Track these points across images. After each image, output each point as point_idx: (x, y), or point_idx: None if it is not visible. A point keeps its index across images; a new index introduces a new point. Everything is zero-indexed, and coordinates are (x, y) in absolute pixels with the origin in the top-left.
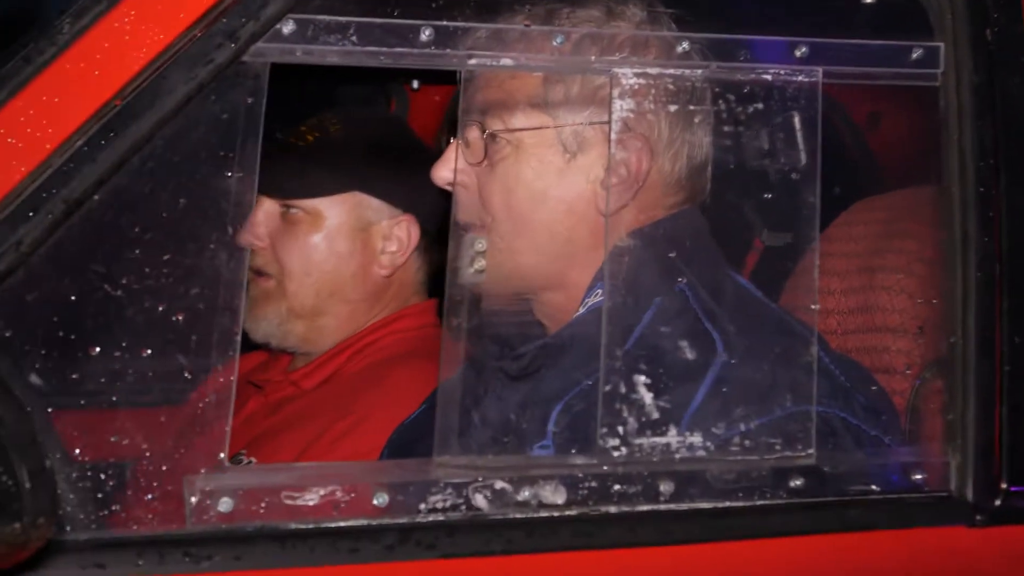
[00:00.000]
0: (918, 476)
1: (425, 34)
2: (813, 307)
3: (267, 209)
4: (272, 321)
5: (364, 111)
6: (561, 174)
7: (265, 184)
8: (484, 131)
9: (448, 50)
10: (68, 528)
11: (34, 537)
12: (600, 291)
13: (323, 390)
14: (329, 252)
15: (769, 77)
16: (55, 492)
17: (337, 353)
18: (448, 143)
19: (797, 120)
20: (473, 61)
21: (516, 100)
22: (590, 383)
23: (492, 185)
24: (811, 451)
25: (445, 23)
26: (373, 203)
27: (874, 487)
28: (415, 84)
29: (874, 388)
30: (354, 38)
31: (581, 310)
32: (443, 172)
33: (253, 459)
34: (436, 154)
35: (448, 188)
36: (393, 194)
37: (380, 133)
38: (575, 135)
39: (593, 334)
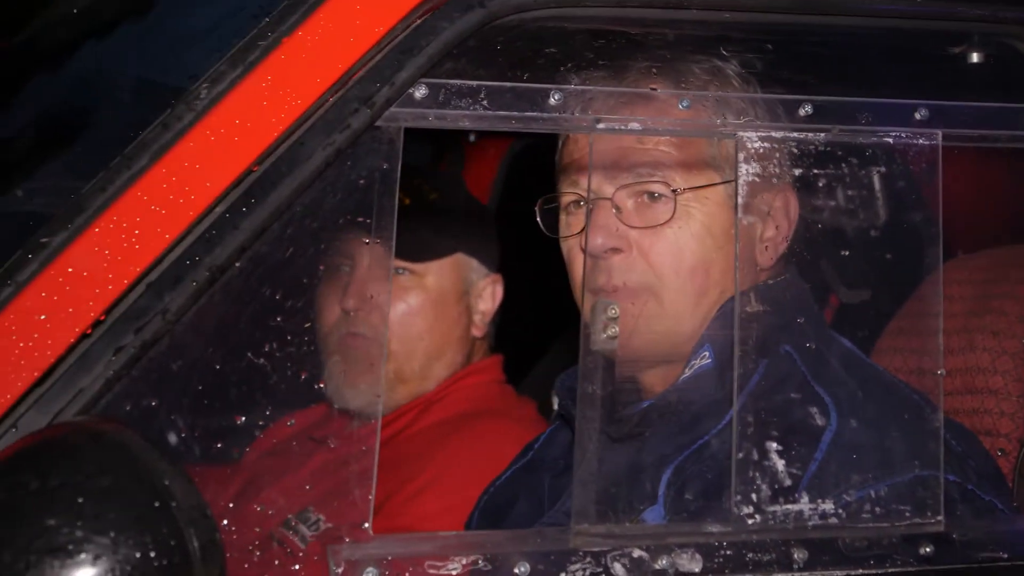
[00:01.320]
0: None
1: (554, 98)
2: (939, 373)
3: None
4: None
5: (443, 174)
6: (729, 232)
7: None
8: (648, 191)
9: (576, 114)
10: None
11: None
12: (707, 353)
13: (391, 447)
14: (439, 315)
15: (890, 140)
16: (224, 566)
17: (405, 412)
18: (569, 205)
19: (917, 182)
20: (602, 125)
21: (682, 159)
22: (701, 444)
23: (662, 247)
24: (940, 518)
25: (573, 87)
26: (473, 264)
27: (1003, 554)
28: (472, 137)
29: (982, 452)
30: (484, 102)
31: (687, 372)
32: (601, 240)
33: (322, 517)
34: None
35: (602, 254)
36: (487, 254)
37: (468, 194)
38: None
39: (699, 398)
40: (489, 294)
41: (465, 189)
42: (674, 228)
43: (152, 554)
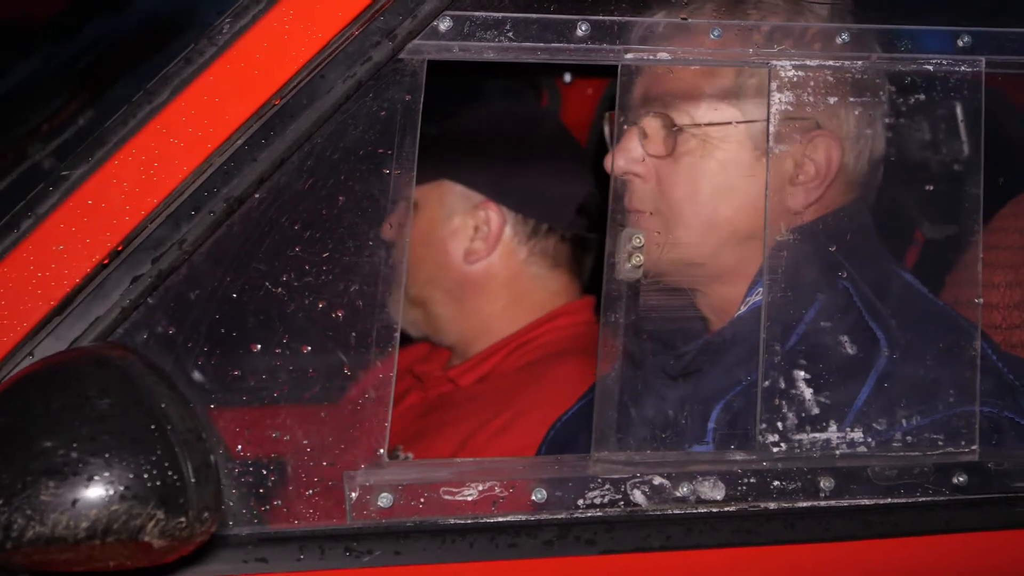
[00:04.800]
0: None
1: (581, 29)
2: (977, 301)
3: None
4: None
5: (483, 105)
6: (750, 170)
7: None
8: (669, 123)
9: (604, 45)
10: (231, 523)
11: (199, 532)
12: (762, 289)
13: (480, 387)
14: (423, 241)
15: (931, 68)
16: (219, 487)
17: (495, 351)
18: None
19: (960, 111)
20: (630, 56)
21: (705, 93)
22: (751, 381)
23: (676, 178)
24: (975, 447)
25: (601, 17)
26: (459, 190)
27: None
28: (567, 77)
29: None
30: (510, 34)
31: (743, 308)
32: (619, 162)
33: (411, 454)
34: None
35: (623, 176)
36: (481, 181)
37: (481, 126)
38: (765, 131)
39: (755, 332)
40: (490, 221)
41: (479, 120)
42: (688, 160)
43: (145, 476)
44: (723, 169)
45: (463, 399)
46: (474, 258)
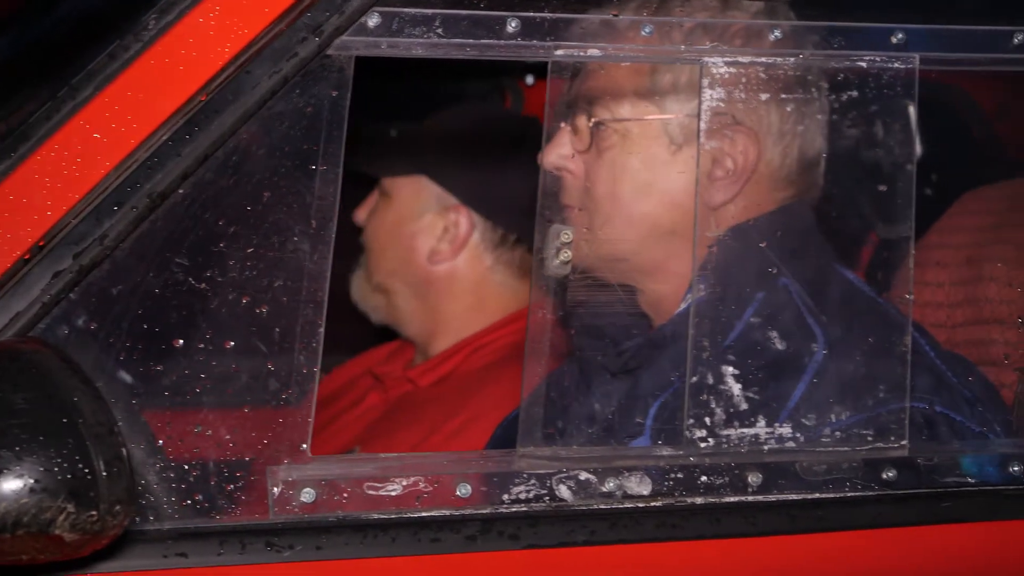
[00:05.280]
0: (1015, 468)
1: (512, 25)
2: (908, 297)
3: (378, 192)
4: (357, 287)
5: (470, 108)
6: (666, 165)
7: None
8: (591, 119)
9: (535, 42)
10: (151, 518)
11: (110, 525)
12: (703, 287)
13: (439, 388)
14: (392, 232)
15: (864, 64)
16: (132, 481)
17: (454, 352)
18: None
19: (894, 108)
20: (560, 52)
21: (623, 89)
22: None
23: (598, 173)
24: (904, 443)
25: (532, 14)
26: (434, 189)
27: (968, 479)
28: (529, 80)
29: (981, 383)
30: (439, 30)
31: (683, 305)
32: (549, 157)
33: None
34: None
35: (555, 172)
36: (457, 185)
37: (466, 127)
38: (681, 126)
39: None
40: (458, 224)
41: (461, 121)
42: (609, 156)
43: (56, 469)
44: (641, 165)
45: (422, 400)
46: (438, 259)
